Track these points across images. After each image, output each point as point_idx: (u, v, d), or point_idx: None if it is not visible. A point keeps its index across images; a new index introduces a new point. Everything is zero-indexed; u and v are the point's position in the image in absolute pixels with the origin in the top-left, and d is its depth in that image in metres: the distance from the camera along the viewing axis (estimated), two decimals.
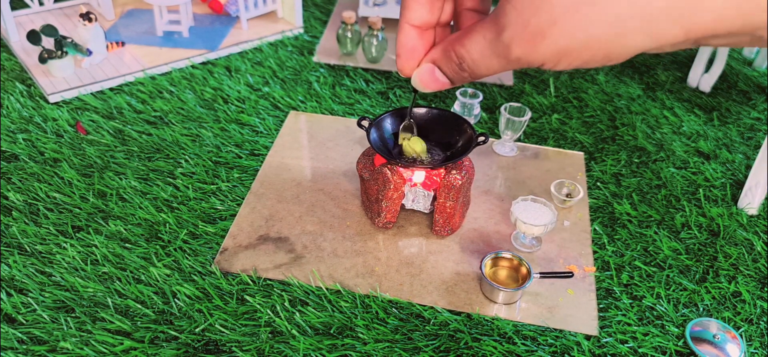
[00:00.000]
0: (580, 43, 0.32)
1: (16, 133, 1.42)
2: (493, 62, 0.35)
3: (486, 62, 0.36)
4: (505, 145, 1.47)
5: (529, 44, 0.33)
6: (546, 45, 0.32)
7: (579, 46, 0.32)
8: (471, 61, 0.36)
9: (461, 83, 0.41)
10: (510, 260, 1.14)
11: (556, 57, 0.33)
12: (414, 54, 0.41)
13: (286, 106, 1.59)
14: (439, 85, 0.40)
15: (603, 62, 0.34)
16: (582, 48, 0.32)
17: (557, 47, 0.32)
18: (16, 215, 1.20)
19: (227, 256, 1.14)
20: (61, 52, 1.57)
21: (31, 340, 0.98)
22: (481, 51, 0.36)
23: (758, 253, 1.22)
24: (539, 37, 0.32)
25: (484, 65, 0.36)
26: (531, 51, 0.33)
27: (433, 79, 0.40)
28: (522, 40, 0.33)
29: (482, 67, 0.36)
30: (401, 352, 0.99)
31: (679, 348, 1.03)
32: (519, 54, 0.33)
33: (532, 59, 0.34)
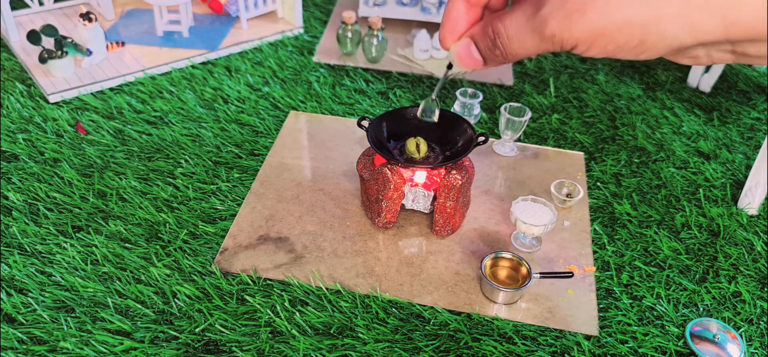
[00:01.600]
0: (616, 24, 0.32)
1: (16, 133, 1.42)
2: (527, 39, 0.35)
3: (520, 38, 0.35)
4: (505, 145, 1.47)
5: (566, 20, 0.32)
6: (583, 22, 0.32)
7: (615, 27, 0.32)
8: (506, 38, 0.36)
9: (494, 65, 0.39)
10: (510, 260, 1.14)
11: (591, 37, 0.33)
12: (456, 27, 0.40)
13: (286, 106, 1.59)
14: (473, 63, 0.39)
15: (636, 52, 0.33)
16: (618, 30, 0.32)
17: (593, 26, 0.32)
18: (16, 215, 1.20)
19: (227, 256, 1.14)
20: (61, 52, 1.57)
21: (31, 340, 0.98)
22: (518, 26, 0.35)
23: (758, 253, 1.22)
24: (577, 14, 0.32)
25: (518, 42, 0.35)
26: (567, 27, 0.33)
27: (469, 55, 0.39)
28: (560, 16, 0.33)
29: (516, 44, 0.36)
30: (401, 352, 0.99)
31: (679, 348, 1.03)
32: (554, 29, 0.33)
33: (566, 37, 0.33)
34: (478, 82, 1.73)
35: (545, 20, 0.33)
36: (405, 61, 1.80)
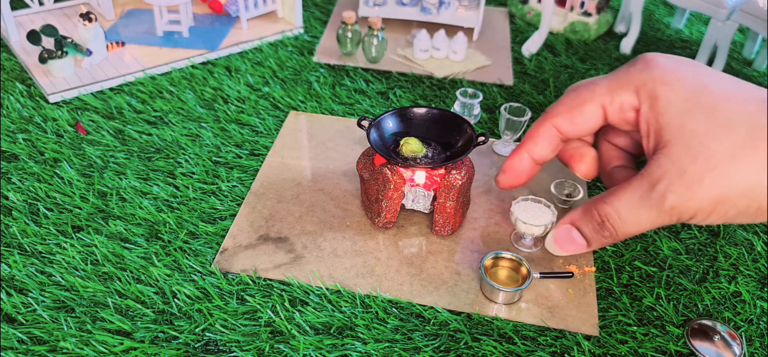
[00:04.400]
0: (739, 190, 0.31)
1: (16, 133, 1.42)
2: (643, 216, 0.34)
3: (635, 216, 0.34)
4: (505, 145, 1.47)
5: (686, 191, 0.32)
6: (704, 191, 0.31)
7: (738, 192, 0.31)
8: (617, 218, 0.35)
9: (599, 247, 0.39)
10: (510, 260, 1.14)
11: (712, 205, 0.32)
12: (519, 178, 0.41)
13: (286, 106, 1.59)
14: (575, 247, 0.39)
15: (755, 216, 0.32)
16: (740, 195, 0.31)
17: (714, 194, 0.31)
18: (16, 215, 1.20)
19: (227, 256, 1.14)
20: (61, 52, 1.57)
21: (31, 340, 0.98)
22: (631, 205, 0.34)
23: (758, 253, 1.22)
24: (697, 184, 0.31)
25: (632, 220, 0.35)
26: (687, 199, 0.32)
27: (570, 240, 0.39)
28: (679, 188, 0.32)
29: (629, 223, 0.35)
30: (401, 352, 0.99)
31: (679, 348, 1.03)
32: (674, 202, 0.32)
33: (686, 207, 0.32)
34: (478, 82, 1.73)
35: (664, 195, 0.33)
36: (405, 61, 1.80)
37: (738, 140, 0.29)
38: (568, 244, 0.39)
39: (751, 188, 0.30)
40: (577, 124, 0.37)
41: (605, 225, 0.36)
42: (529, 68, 1.82)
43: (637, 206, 0.34)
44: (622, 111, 0.36)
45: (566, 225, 0.38)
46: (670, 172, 0.32)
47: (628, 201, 0.34)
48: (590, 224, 0.37)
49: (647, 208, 0.33)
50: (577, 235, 0.38)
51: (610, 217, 0.35)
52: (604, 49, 1.96)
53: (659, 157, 0.32)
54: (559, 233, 0.39)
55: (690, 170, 0.31)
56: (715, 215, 0.32)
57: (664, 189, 0.32)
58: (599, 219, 0.36)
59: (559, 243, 0.39)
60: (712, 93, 0.31)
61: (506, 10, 2.18)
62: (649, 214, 0.33)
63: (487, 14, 2.12)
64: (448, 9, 1.95)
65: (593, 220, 0.36)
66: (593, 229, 0.37)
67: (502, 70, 1.79)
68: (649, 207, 0.33)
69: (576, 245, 0.38)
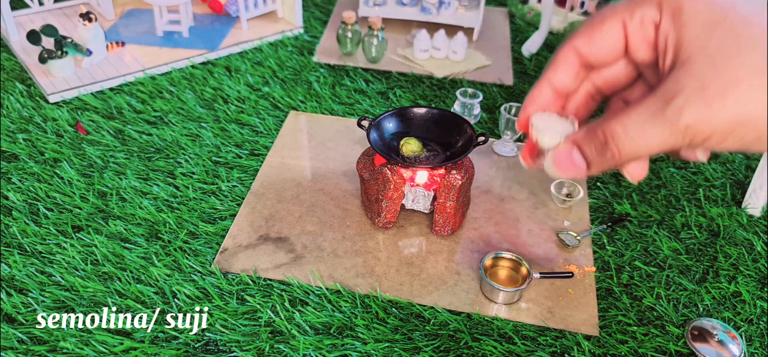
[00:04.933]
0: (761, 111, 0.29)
1: (16, 133, 1.42)
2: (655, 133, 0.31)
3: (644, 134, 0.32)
4: (505, 145, 1.47)
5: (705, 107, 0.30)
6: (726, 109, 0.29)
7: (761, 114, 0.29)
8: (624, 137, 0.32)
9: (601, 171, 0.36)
10: (510, 260, 1.13)
11: (731, 126, 0.30)
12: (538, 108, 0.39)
13: (286, 106, 1.59)
14: (575, 170, 0.36)
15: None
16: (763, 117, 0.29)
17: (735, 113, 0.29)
18: (16, 215, 1.20)
19: (227, 256, 1.14)
20: (61, 52, 1.57)
21: (31, 340, 0.98)
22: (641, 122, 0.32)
23: (758, 253, 1.22)
24: (719, 99, 0.29)
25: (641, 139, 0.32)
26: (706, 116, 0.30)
27: (570, 161, 0.37)
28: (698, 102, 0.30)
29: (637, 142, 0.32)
30: (401, 352, 0.99)
31: (679, 348, 1.03)
32: (690, 119, 0.30)
33: (702, 127, 0.30)
34: (478, 82, 1.73)
35: (680, 110, 0.30)
36: (405, 61, 1.80)
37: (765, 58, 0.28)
38: (567, 166, 0.37)
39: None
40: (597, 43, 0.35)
41: (609, 144, 0.34)
42: (529, 68, 1.82)
43: (649, 123, 0.31)
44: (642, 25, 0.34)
45: (567, 145, 0.36)
46: (690, 87, 0.30)
47: (639, 118, 0.32)
48: (593, 144, 0.35)
49: (659, 126, 0.31)
50: (578, 157, 0.36)
51: (617, 135, 0.33)
52: None
53: (678, 72, 0.30)
54: (560, 154, 0.37)
55: (712, 85, 0.29)
56: (732, 139, 0.30)
57: (682, 104, 0.30)
58: (603, 138, 0.34)
59: (558, 164, 0.37)
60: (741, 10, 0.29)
61: (506, 10, 2.18)
62: (662, 131, 0.31)
63: (487, 14, 2.12)
64: (448, 9, 1.95)
65: (597, 140, 0.34)
66: (596, 149, 0.35)
67: (502, 70, 1.79)
68: (662, 124, 0.31)
69: (575, 167, 0.36)
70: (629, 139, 0.33)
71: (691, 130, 0.30)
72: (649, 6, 0.33)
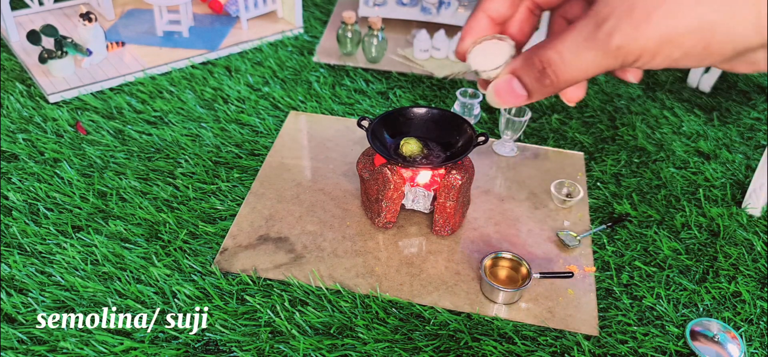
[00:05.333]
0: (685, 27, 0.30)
1: (16, 133, 1.42)
2: (588, 58, 0.32)
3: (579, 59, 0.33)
4: (505, 145, 1.47)
5: (633, 29, 0.31)
6: (651, 29, 0.30)
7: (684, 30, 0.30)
8: (560, 62, 0.33)
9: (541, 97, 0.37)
10: (510, 260, 1.13)
11: (658, 45, 0.31)
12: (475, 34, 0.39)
13: (286, 106, 1.59)
14: (515, 99, 0.37)
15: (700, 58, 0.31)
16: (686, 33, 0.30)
17: (662, 32, 0.30)
18: (16, 215, 1.20)
19: (227, 256, 1.14)
20: (61, 52, 1.57)
21: (31, 340, 0.98)
22: (575, 47, 0.33)
23: (758, 253, 1.22)
24: (645, 21, 0.30)
25: (576, 64, 0.33)
26: (634, 37, 0.31)
27: (510, 91, 0.37)
28: (626, 26, 0.31)
29: (573, 67, 0.33)
30: (401, 352, 0.99)
31: (679, 348, 1.03)
32: (620, 41, 0.31)
33: (632, 48, 0.31)
34: None
35: (610, 34, 0.31)
36: (405, 61, 1.80)
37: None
38: (507, 96, 0.37)
39: (699, 27, 0.30)
40: None
41: (546, 72, 0.34)
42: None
43: (582, 48, 0.32)
44: None
45: (507, 75, 0.37)
46: (618, 10, 0.31)
47: (573, 43, 0.33)
48: (532, 72, 0.35)
49: (593, 50, 0.32)
50: (517, 86, 0.36)
51: (553, 62, 0.34)
52: None
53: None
54: (499, 85, 0.37)
55: (638, 6, 0.30)
56: (661, 57, 0.31)
57: (611, 28, 0.31)
58: (540, 65, 0.34)
59: (499, 95, 0.37)
60: None
61: None
62: (595, 56, 0.32)
63: None
64: (448, 9, 1.95)
65: (535, 68, 0.35)
66: (534, 77, 0.35)
67: None
68: (595, 48, 0.32)
69: (516, 96, 0.36)
70: (565, 64, 0.33)
71: (622, 51, 0.31)
72: None
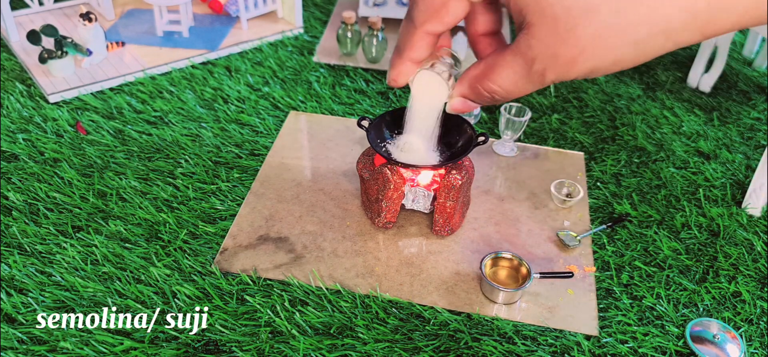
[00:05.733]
0: (607, 64, 0.35)
1: (16, 133, 1.42)
2: (528, 87, 0.38)
3: (520, 88, 0.39)
4: (505, 145, 1.47)
5: (562, 69, 0.36)
6: (578, 69, 0.35)
7: (608, 65, 0.35)
8: (504, 92, 0.40)
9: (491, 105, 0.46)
10: (510, 260, 1.13)
11: (589, 73, 0.36)
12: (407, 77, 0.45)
13: (286, 106, 1.59)
14: (469, 109, 0.44)
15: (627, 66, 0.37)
16: (610, 66, 0.35)
17: (587, 68, 0.35)
18: (16, 215, 1.20)
19: (227, 256, 1.14)
20: (61, 52, 1.57)
21: (31, 340, 0.98)
22: (514, 81, 0.39)
23: (758, 253, 1.22)
24: (571, 64, 0.35)
25: (518, 91, 0.39)
26: (564, 74, 0.36)
27: (466, 107, 0.44)
28: (554, 68, 0.36)
29: (515, 93, 0.40)
30: (401, 352, 0.99)
31: (679, 348, 1.03)
32: (554, 77, 0.37)
33: (564, 78, 0.37)
34: None
35: (542, 74, 0.36)
36: None
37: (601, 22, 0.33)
38: (465, 110, 0.44)
39: (617, 61, 0.35)
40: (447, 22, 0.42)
41: (493, 97, 0.41)
42: None
43: (521, 82, 0.38)
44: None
45: (459, 97, 0.44)
46: (543, 54, 0.36)
47: (511, 78, 0.39)
48: (482, 98, 0.42)
49: (529, 83, 0.38)
50: (470, 104, 0.44)
51: (498, 93, 0.40)
52: None
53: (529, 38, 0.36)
54: (456, 104, 0.45)
55: (561, 54, 0.35)
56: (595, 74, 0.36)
57: (542, 68, 0.36)
58: (488, 94, 0.41)
59: (457, 110, 0.45)
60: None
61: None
62: (532, 85, 0.38)
63: None
64: None
65: (482, 96, 0.42)
66: (485, 99, 0.42)
67: None
68: (532, 82, 0.38)
69: (471, 107, 0.44)
70: (508, 93, 0.40)
71: (557, 81, 0.37)
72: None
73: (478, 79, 0.41)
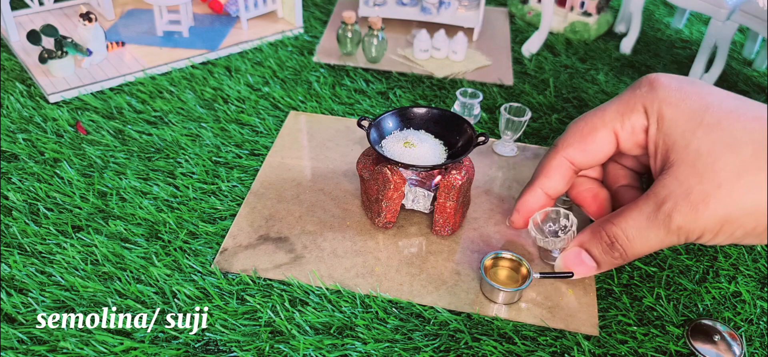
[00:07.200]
0: (744, 210, 0.30)
1: (16, 133, 1.42)
2: (651, 236, 0.33)
3: (643, 237, 0.34)
4: (505, 145, 1.47)
5: (692, 211, 0.31)
6: (710, 211, 0.31)
7: (743, 213, 0.30)
8: (625, 239, 0.35)
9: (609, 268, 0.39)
10: (510, 260, 1.14)
11: (718, 224, 0.31)
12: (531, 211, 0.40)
13: (286, 106, 1.59)
14: (584, 270, 0.38)
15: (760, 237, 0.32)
16: (746, 215, 0.30)
17: (720, 214, 0.31)
18: (16, 215, 1.20)
19: (227, 256, 1.14)
20: (61, 52, 1.57)
21: (31, 340, 0.98)
22: (638, 226, 0.34)
23: (758, 253, 1.22)
24: (703, 204, 0.32)
25: (641, 241, 0.34)
26: (693, 218, 0.32)
27: (580, 263, 0.39)
28: (684, 207, 0.31)
29: (638, 243, 0.34)
30: (401, 352, 0.99)
31: (679, 348, 1.03)
32: (680, 222, 0.32)
33: (692, 228, 0.32)
34: (478, 82, 1.73)
35: (670, 215, 0.32)
36: (405, 61, 1.80)
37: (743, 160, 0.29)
38: (578, 267, 0.39)
39: (756, 208, 0.30)
40: (590, 152, 0.37)
41: (615, 246, 0.35)
42: (529, 68, 1.82)
43: (645, 227, 0.34)
44: (633, 133, 0.36)
45: (575, 248, 0.38)
46: (676, 193, 0.32)
47: (636, 222, 0.34)
48: (600, 246, 0.37)
49: (655, 229, 0.33)
50: (587, 258, 0.38)
51: (619, 238, 0.35)
52: (604, 49, 1.96)
53: (665, 178, 0.32)
54: (569, 256, 0.39)
55: (695, 190, 0.31)
56: (722, 235, 0.32)
57: (670, 209, 0.32)
58: (608, 240, 0.35)
59: (569, 267, 0.39)
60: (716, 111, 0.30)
61: (506, 10, 2.18)
62: (657, 234, 0.33)
63: (487, 14, 2.12)
64: (448, 9, 1.95)
65: (602, 242, 0.36)
66: (603, 250, 0.36)
67: (502, 70, 1.79)
68: (657, 227, 0.33)
69: (586, 267, 0.38)
70: (630, 241, 0.34)
71: (683, 230, 0.32)
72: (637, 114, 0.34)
73: (602, 223, 0.37)
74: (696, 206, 0.30)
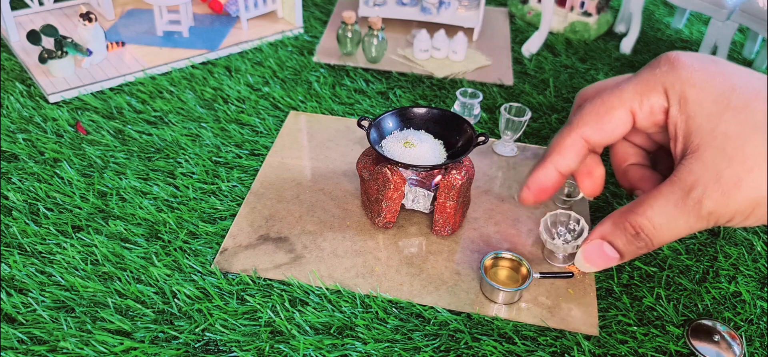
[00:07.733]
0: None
1: (16, 133, 1.42)
2: (680, 223, 0.33)
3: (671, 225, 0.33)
4: (505, 145, 1.47)
5: (723, 196, 0.31)
6: (742, 194, 0.31)
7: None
8: (651, 228, 0.33)
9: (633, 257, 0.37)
10: (510, 260, 1.14)
11: (750, 207, 0.31)
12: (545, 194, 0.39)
13: (286, 106, 1.59)
14: (606, 261, 0.38)
15: None
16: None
17: (752, 196, 0.31)
18: (16, 215, 1.20)
19: (227, 256, 1.14)
20: (61, 52, 1.57)
21: (31, 340, 0.98)
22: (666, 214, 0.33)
23: (758, 253, 1.22)
24: (734, 187, 0.31)
25: (669, 229, 0.34)
26: (724, 202, 0.31)
27: (602, 255, 0.38)
28: (715, 192, 0.31)
29: (665, 232, 0.34)
30: (401, 352, 0.99)
31: (679, 348, 1.03)
32: (711, 207, 0.32)
33: (723, 212, 0.32)
34: (478, 82, 1.73)
35: (700, 201, 0.32)
36: (405, 61, 1.80)
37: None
38: (599, 260, 0.38)
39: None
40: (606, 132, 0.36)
41: (640, 236, 0.34)
42: (529, 68, 1.82)
43: (673, 214, 0.32)
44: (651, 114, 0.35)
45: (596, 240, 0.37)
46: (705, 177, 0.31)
47: (663, 209, 0.33)
48: (623, 236, 0.35)
49: (684, 216, 0.33)
50: (609, 249, 0.37)
51: (645, 228, 0.34)
52: (604, 49, 1.96)
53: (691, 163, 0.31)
54: (590, 249, 0.37)
55: (726, 174, 0.30)
56: (753, 217, 0.31)
57: (700, 195, 0.31)
58: (633, 230, 0.34)
59: (590, 259, 0.38)
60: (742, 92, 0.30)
61: (506, 10, 2.18)
62: (687, 220, 0.33)
63: (487, 14, 2.12)
64: (448, 9, 1.95)
65: (626, 233, 0.35)
66: (627, 240, 0.36)
67: (502, 70, 1.79)
68: (686, 214, 0.33)
69: (608, 259, 0.38)
70: (657, 229, 0.34)
71: (714, 215, 0.31)
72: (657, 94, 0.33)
73: (625, 213, 0.35)
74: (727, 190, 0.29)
